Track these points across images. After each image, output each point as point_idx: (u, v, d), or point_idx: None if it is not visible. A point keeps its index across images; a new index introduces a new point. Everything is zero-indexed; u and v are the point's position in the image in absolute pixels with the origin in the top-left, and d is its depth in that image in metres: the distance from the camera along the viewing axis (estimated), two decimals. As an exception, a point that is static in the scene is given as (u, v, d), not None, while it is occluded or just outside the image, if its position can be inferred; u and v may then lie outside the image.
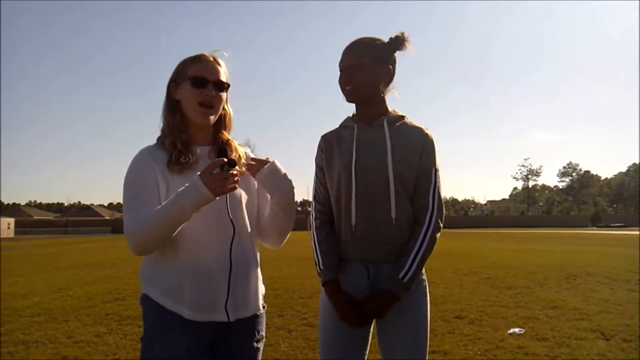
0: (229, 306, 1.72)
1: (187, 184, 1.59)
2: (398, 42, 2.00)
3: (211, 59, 1.82)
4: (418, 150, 1.97)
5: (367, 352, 2.02)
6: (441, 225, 1.96)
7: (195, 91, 1.76)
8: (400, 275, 1.87)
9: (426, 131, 2.01)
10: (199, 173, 1.59)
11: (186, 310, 1.69)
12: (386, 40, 2.02)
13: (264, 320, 1.92)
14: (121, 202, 1.75)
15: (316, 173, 2.12)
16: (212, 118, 1.81)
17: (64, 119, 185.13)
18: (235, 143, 1.92)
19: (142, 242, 1.65)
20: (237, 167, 1.62)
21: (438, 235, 1.94)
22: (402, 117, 2.05)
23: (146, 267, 1.80)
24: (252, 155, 1.97)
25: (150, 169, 1.71)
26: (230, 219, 1.71)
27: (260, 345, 1.88)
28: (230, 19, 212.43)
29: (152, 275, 1.76)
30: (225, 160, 1.59)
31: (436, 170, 1.99)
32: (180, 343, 1.68)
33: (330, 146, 2.07)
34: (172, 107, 1.81)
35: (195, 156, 1.78)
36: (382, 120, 2.01)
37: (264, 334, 1.91)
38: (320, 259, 1.99)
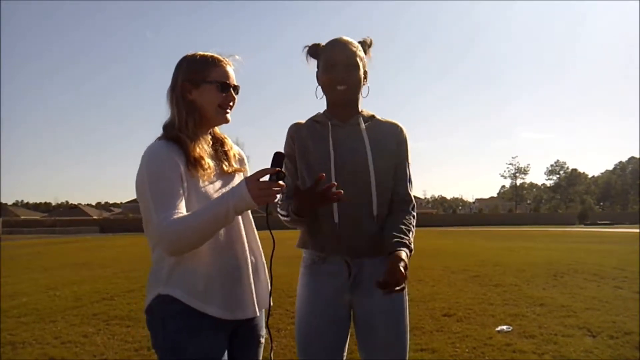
0: (250, 304, 1.80)
1: (232, 187, 1.63)
2: (365, 46, 2.06)
3: (229, 63, 1.87)
4: (394, 144, 2.02)
5: (346, 345, 2.02)
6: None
7: (219, 95, 1.80)
8: (405, 240, 1.87)
9: (400, 125, 2.06)
10: (244, 177, 1.63)
11: (216, 309, 1.70)
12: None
13: (264, 317, 1.95)
14: (109, 201, 1.80)
15: (285, 163, 2.02)
16: (230, 118, 1.86)
17: (50, 119, 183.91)
18: (229, 141, 1.96)
19: (183, 243, 1.60)
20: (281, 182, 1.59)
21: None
22: (373, 115, 2.08)
23: (161, 268, 1.71)
24: (244, 155, 2.03)
25: (177, 166, 1.68)
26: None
27: (263, 340, 1.94)
28: (215, 16, 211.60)
29: (172, 276, 1.69)
30: (277, 170, 1.59)
31: (408, 164, 2.05)
32: (209, 344, 1.68)
33: (303, 137, 2.03)
34: (190, 108, 1.80)
35: (212, 165, 1.79)
36: (357, 118, 2.03)
37: (265, 329, 1.95)
38: (287, 207, 1.96)
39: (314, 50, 2.06)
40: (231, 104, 1.84)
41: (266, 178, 1.58)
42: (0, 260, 15.05)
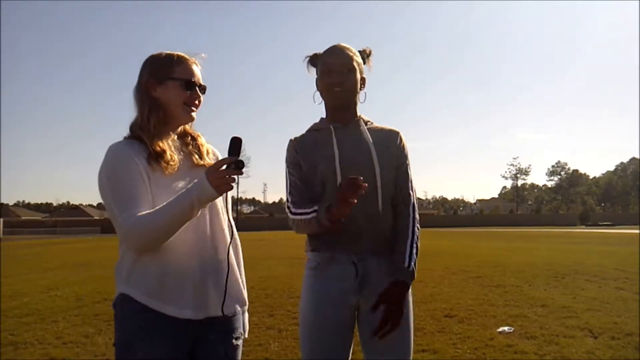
0: (214, 303, 1.77)
1: (195, 180, 1.62)
2: (364, 55, 2.14)
3: (195, 62, 1.88)
4: (394, 146, 2.07)
5: (351, 348, 2.02)
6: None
7: (184, 93, 1.81)
8: (406, 264, 1.93)
9: (398, 131, 2.13)
10: (206, 169, 1.62)
11: (173, 309, 1.69)
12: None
13: (241, 318, 1.93)
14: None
15: (290, 171, 2.07)
16: (195, 116, 1.87)
17: (51, 119, 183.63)
18: (203, 139, 1.96)
19: (150, 239, 1.63)
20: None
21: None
22: (370, 121, 2.15)
23: (123, 267, 1.75)
24: (218, 153, 2.02)
25: (135, 164, 1.69)
26: (215, 219, 1.82)
27: (240, 342, 1.90)
28: (213, 17, 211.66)
29: (131, 275, 1.72)
30: (236, 159, 1.58)
31: (408, 166, 2.10)
32: (164, 345, 1.68)
33: (306, 147, 2.07)
34: (153, 105, 1.80)
35: (176, 158, 1.79)
36: (357, 121, 2.09)
37: (242, 331, 1.93)
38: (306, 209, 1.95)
39: (313, 59, 2.13)
40: (197, 102, 1.86)
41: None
42: (1, 261, 15.09)
